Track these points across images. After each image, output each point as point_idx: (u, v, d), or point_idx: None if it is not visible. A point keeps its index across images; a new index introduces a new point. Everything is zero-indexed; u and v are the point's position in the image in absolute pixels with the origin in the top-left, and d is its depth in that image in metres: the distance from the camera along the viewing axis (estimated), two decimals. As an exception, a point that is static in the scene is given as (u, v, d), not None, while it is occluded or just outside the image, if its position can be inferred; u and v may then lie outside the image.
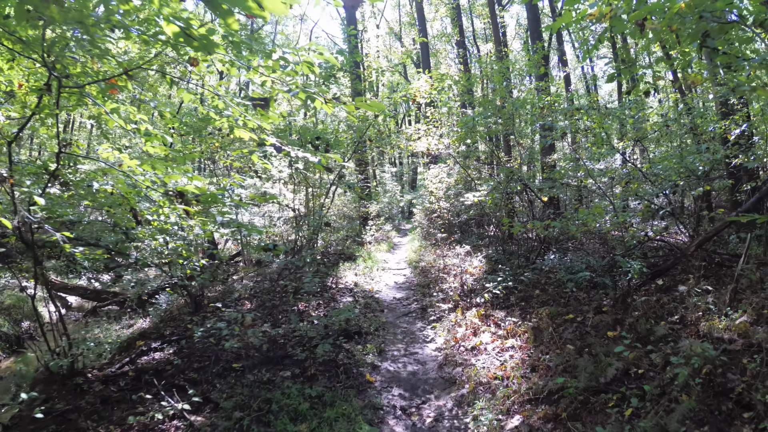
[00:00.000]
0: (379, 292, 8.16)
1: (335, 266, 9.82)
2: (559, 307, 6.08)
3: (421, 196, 17.08)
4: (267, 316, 6.18)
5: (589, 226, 5.50)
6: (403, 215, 25.19)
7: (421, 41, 15.43)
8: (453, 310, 6.32)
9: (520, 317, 5.76)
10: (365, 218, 15.17)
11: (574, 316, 5.64)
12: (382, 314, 6.87)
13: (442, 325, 6.00)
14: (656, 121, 9.11)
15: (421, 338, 5.77)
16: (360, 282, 8.64)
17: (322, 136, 6.53)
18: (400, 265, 11.09)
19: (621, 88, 18.04)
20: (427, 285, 8.22)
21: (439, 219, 12.28)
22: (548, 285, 6.95)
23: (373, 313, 6.77)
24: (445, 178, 12.31)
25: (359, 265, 10.21)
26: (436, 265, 9.50)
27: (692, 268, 6.63)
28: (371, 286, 8.44)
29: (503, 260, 8.78)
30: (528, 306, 6.21)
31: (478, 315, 5.71)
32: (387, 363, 5.00)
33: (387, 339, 5.75)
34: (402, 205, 25.34)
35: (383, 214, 19.78)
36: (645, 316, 5.49)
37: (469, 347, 5.12)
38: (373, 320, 6.34)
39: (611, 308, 5.85)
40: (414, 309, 7.02)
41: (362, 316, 6.51)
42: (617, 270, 7.28)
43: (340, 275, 9.04)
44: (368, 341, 5.61)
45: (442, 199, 12.31)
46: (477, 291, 6.99)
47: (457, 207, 11.89)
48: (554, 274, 7.65)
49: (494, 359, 4.78)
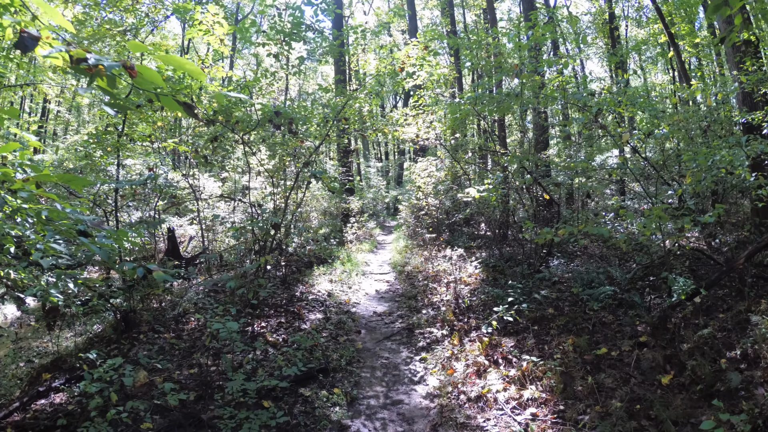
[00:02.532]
0: (356, 305, 6.63)
1: (308, 270, 8.24)
2: (584, 333, 4.63)
3: (408, 191, 15.57)
4: (202, 350, 4.59)
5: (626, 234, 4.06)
6: (389, 212, 23.67)
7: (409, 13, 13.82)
8: (448, 335, 4.82)
9: (537, 349, 4.29)
10: (346, 215, 13.58)
11: (607, 349, 4.19)
12: (358, 337, 5.33)
13: (434, 357, 4.49)
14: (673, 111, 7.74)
15: (408, 376, 4.25)
16: (335, 291, 7.09)
17: (284, 111, 4.95)
18: (383, 268, 9.56)
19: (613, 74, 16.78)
20: (414, 296, 6.71)
21: (427, 217, 10.78)
22: (562, 301, 5.52)
23: (347, 336, 5.24)
24: (434, 172, 10.81)
25: (336, 269, 8.65)
26: (424, 271, 8.01)
27: (734, 284, 5.27)
28: (348, 297, 6.89)
29: (502, 266, 7.33)
30: (543, 331, 4.75)
31: (483, 347, 4.22)
32: (360, 421, 3.47)
33: (362, 378, 4.22)
34: (387, 201, 23.79)
35: (367, 211, 18.21)
36: (698, 350, 4.09)
37: (472, 396, 3.63)
38: (345, 348, 4.81)
39: (651, 337, 4.43)
40: (398, 329, 5.50)
41: (332, 342, 4.96)
42: (643, 282, 5.90)
43: (313, 282, 7.47)
44: (337, 382, 4.08)
45: (431, 195, 10.81)
46: (475, 308, 5.51)
47: (448, 204, 10.40)
48: (565, 285, 6.23)
49: (510, 418, 3.30)
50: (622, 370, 3.91)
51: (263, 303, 6.27)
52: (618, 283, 5.78)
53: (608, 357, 4.10)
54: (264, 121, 5.10)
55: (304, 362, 4.22)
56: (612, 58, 12.83)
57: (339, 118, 5.49)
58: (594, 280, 5.91)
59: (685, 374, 3.69)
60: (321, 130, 5.85)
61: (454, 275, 6.85)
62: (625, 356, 4.21)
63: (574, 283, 6.10)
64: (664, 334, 4.50)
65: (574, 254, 8.07)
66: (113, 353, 4.96)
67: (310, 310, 6.00)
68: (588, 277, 5.96)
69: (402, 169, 27.77)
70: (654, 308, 5.14)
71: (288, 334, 5.19)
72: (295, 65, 5.03)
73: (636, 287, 5.72)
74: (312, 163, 5.22)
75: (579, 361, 3.96)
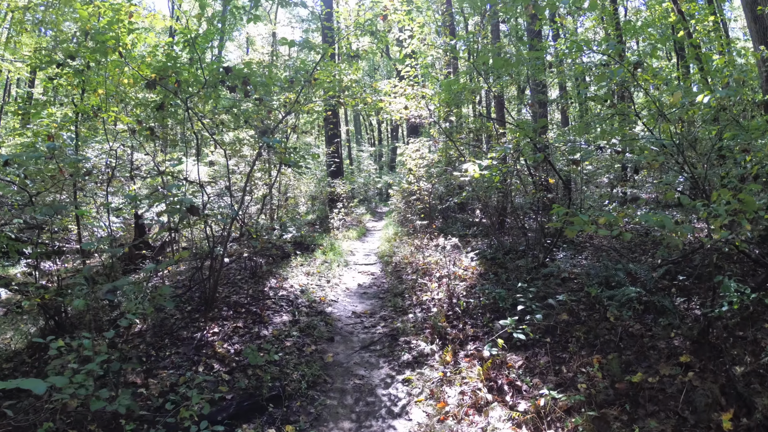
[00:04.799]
0: (333, 303, 5.57)
1: (285, 261, 7.17)
2: (609, 349, 3.62)
3: (399, 175, 14.44)
4: (139, 366, 3.53)
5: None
6: (380, 197, 22.55)
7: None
8: (439, 348, 3.78)
9: (552, 371, 3.27)
10: (332, 199, 12.46)
11: (643, 374, 3.18)
12: (330, 346, 4.29)
13: (421, 378, 3.46)
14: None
15: (386, 405, 3.22)
16: (310, 286, 6.03)
17: (236, 69, 3.81)
18: (369, 258, 8.50)
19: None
20: (401, 293, 5.67)
21: (418, 202, 9.69)
22: (576, 303, 4.49)
23: (315, 345, 4.19)
24: (426, 153, 9.68)
25: (316, 259, 7.58)
26: (413, 262, 6.96)
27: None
28: (324, 293, 5.84)
29: (502, 259, 6.30)
30: (558, 345, 3.73)
31: (484, 370, 3.18)
32: (314, 483, 2.43)
33: (327, 408, 3.18)
34: (380, 187, 22.64)
35: (357, 196, 17.09)
36: (756, 376, 3.11)
37: (471, 444, 2.60)
38: (311, 363, 3.76)
39: (693, 356, 3.42)
40: (379, 336, 4.46)
41: (295, 354, 3.91)
42: (670, 282, 4.88)
43: (288, 275, 6.40)
44: (292, 414, 3.03)
45: (423, 178, 9.70)
46: (473, 311, 4.47)
47: (441, 189, 9.30)
48: (576, 282, 5.21)
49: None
50: (667, 405, 2.89)
51: (223, 302, 5.20)
52: (641, 282, 4.77)
53: (646, 385, 3.09)
54: (212, 82, 3.96)
55: (249, 387, 3.17)
56: (617, 47, 11.62)
57: (310, 80, 4.34)
58: (612, 278, 4.89)
59: (755, 416, 2.68)
60: (287, 95, 4.68)
61: (447, 268, 5.81)
62: (666, 384, 3.19)
63: (589, 280, 5.08)
64: (707, 351, 3.50)
65: (580, 245, 7.04)
66: (24, 369, 3.89)
67: (276, 310, 4.93)
68: (604, 274, 4.94)
69: (395, 153, 26.54)
70: (686, 315, 4.14)
71: (244, 342, 4.13)
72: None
73: (658, 286, 4.71)
74: (270, 132, 4.08)
75: (611, 392, 2.94)
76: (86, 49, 4.09)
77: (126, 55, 3.95)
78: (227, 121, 5.05)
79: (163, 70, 3.76)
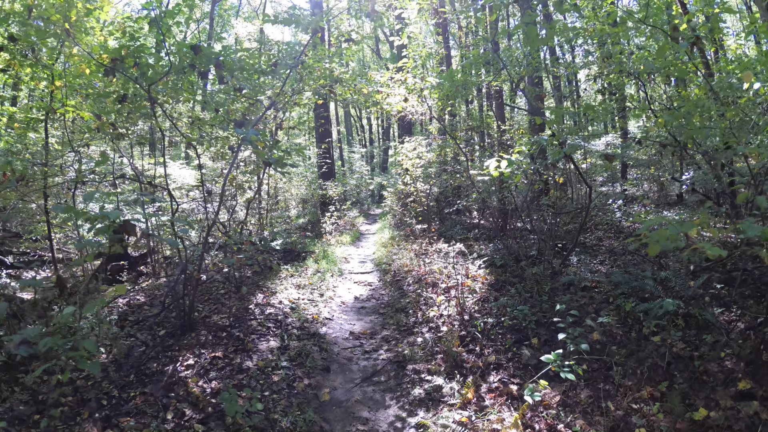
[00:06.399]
0: (328, 322, 4.89)
1: (274, 272, 6.45)
2: (658, 376, 3.01)
3: (393, 176, 13.77)
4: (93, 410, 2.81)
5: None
6: (373, 199, 21.84)
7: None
8: (459, 384, 3.12)
9: (598, 408, 2.64)
10: (325, 202, 11.76)
11: (705, 408, 2.57)
12: (326, 378, 3.60)
13: (437, 423, 2.79)
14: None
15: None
16: (302, 301, 5.33)
17: (206, 49, 3.12)
18: (365, 266, 7.82)
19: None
20: (403, 308, 5.00)
21: (416, 204, 9.03)
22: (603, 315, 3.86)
23: (308, 379, 3.50)
24: (423, 152, 9.03)
25: (308, 268, 6.88)
26: (414, 270, 6.31)
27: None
28: (317, 309, 5.15)
29: (511, 265, 5.67)
30: (598, 374, 3.10)
31: (520, 415, 2.53)
32: None
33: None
34: (372, 188, 21.94)
35: (350, 198, 16.38)
36: None
37: None
38: (303, 403, 3.07)
39: (752, 381, 2.83)
40: (383, 363, 3.79)
41: (284, 393, 3.21)
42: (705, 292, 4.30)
43: (276, 288, 5.70)
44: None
45: (420, 179, 9.05)
46: (490, 331, 3.82)
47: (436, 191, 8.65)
48: (597, 292, 4.60)
49: None
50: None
51: (202, 323, 4.48)
52: (675, 292, 4.18)
53: (710, 422, 2.48)
54: (180, 66, 3.26)
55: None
56: (617, 47, 11.10)
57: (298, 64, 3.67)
58: (640, 288, 4.29)
59: None
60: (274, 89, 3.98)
61: (454, 278, 5.17)
62: (731, 419, 2.58)
63: (613, 289, 4.48)
64: (765, 373, 2.92)
65: (592, 248, 6.45)
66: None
67: (263, 334, 4.23)
68: (633, 284, 4.33)
69: (387, 154, 25.88)
70: (730, 330, 3.55)
71: (223, 378, 3.43)
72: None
73: (695, 297, 4.12)
74: (251, 125, 3.41)
75: (681, 442, 2.32)
76: (29, 27, 3.36)
77: (75, 33, 3.23)
78: (202, 115, 4.33)
79: (118, 51, 3.05)
